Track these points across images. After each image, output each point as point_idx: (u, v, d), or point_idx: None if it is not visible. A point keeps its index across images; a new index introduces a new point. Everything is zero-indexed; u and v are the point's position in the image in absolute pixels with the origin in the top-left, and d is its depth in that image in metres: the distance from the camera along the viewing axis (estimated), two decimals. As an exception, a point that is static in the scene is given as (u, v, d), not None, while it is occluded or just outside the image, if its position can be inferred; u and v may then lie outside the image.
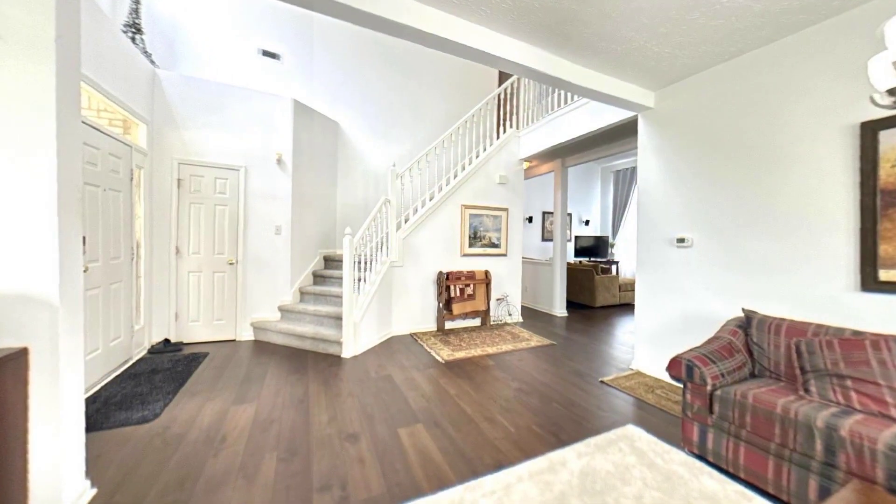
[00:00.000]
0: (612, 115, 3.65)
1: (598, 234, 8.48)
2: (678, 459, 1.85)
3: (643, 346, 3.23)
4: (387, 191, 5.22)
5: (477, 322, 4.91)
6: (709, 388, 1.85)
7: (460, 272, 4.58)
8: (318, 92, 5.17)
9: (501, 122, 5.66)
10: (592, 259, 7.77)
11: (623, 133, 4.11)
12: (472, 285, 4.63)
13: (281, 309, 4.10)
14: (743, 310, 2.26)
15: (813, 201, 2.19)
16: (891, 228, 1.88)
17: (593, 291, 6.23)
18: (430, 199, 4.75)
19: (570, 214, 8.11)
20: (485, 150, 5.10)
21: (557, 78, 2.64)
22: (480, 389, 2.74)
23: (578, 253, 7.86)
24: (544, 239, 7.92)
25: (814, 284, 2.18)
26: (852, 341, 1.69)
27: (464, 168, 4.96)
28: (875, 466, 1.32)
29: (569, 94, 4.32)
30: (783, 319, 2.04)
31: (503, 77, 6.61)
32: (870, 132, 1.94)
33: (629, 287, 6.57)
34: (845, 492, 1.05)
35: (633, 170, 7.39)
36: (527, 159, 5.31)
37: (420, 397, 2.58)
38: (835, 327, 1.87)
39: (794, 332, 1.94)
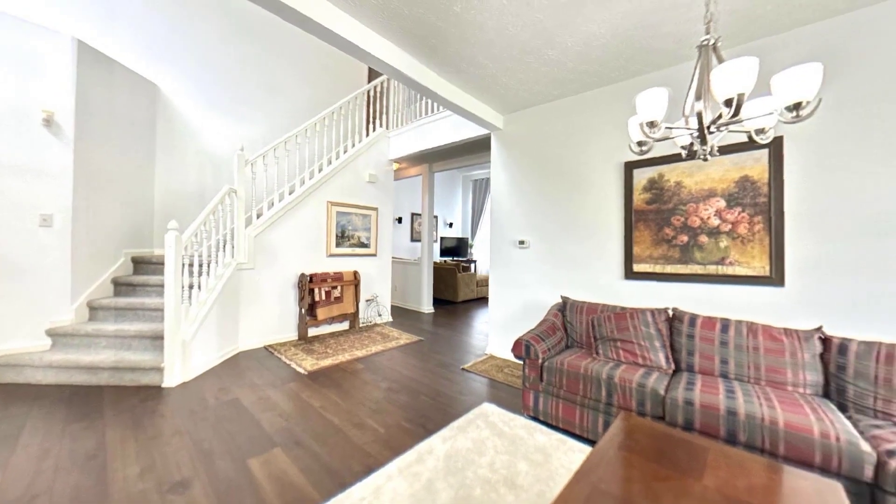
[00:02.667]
0: (471, 130, 4.11)
1: (460, 235, 9.40)
2: (520, 424, 2.22)
3: (495, 333, 3.75)
4: (232, 179, 4.39)
5: (345, 326, 4.69)
6: (540, 361, 2.30)
7: (326, 274, 4.28)
8: (127, 41, 3.90)
9: (371, 119, 5.57)
10: (455, 258, 8.56)
11: (480, 147, 4.68)
12: (339, 287, 4.38)
13: (53, 333, 2.89)
14: (561, 296, 2.91)
15: (601, 216, 3.01)
16: (639, 236, 2.77)
17: (456, 288, 6.86)
18: (291, 193, 4.26)
19: (436, 217, 8.70)
20: (353, 145, 4.93)
21: (425, 87, 2.79)
22: (349, 396, 2.62)
23: (443, 253, 8.52)
24: (413, 239, 8.24)
25: (601, 276, 3.00)
26: (620, 314, 2.40)
27: (330, 162, 4.64)
28: (632, 399, 1.91)
29: (436, 104, 4.62)
30: (584, 302, 2.73)
31: (373, 73, 6.53)
32: (629, 169, 2.82)
33: (485, 283, 7.53)
34: (617, 420, 1.48)
35: (488, 180, 8.53)
36: (396, 160, 5.40)
37: (277, 417, 2.27)
38: (611, 305, 2.62)
39: (591, 311, 2.63)
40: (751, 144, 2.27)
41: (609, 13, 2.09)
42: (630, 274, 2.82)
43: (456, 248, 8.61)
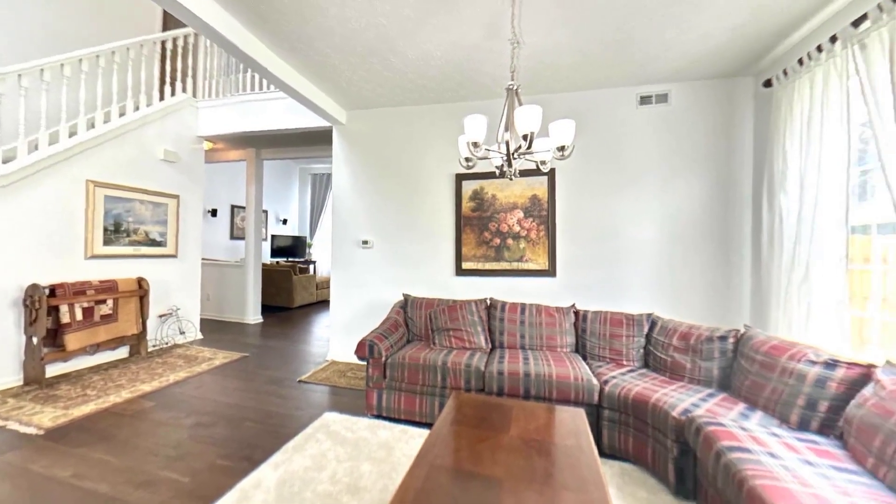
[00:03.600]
0: (311, 119, 3.77)
1: (297, 233, 8.48)
2: (364, 425, 2.20)
3: (337, 337, 3.58)
4: None
5: (124, 353, 3.43)
6: (384, 358, 2.35)
7: (85, 284, 3.01)
8: None
9: (170, 80, 4.28)
10: (291, 259, 7.66)
11: (321, 139, 4.36)
12: (110, 301, 3.17)
13: None
14: (403, 294, 3.07)
15: (437, 220, 3.35)
16: (466, 238, 3.24)
17: (291, 292, 6.14)
18: (5, 163, 2.78)
19: (266, 211, 7.53)
20: (138, 108, 3.66)
21: (251, 58, 2.37)
22: (129, 449, 1.93)
23: (276, 253, 7.47)
24: (234, 237, 6.85)
25: (438, 273, 3.34)
26: (452, 307, 2.74)
27: (94, 126, 3.28)
28: (461, 379, 2.21)
29: (267, 81, 3.99)
30: (423, 298, 2.97)
31: (172, 21, 5.04)
32: (459, 181, 3.26)
33: (326, 285, 7.07)
34: (450, 400, 1.69)
35: (330, 175, 8.04)
36: (209, 139, 4.36)
37: (-28, 515, 1.43)
38: (446, 299, 2.96)
39: (428, 305, 2.88)
40: (538, 171, 3.03)
41: (443, 39, 2.35)
42: (460, 271, 3.26)
43: (292, 248, 7.72)
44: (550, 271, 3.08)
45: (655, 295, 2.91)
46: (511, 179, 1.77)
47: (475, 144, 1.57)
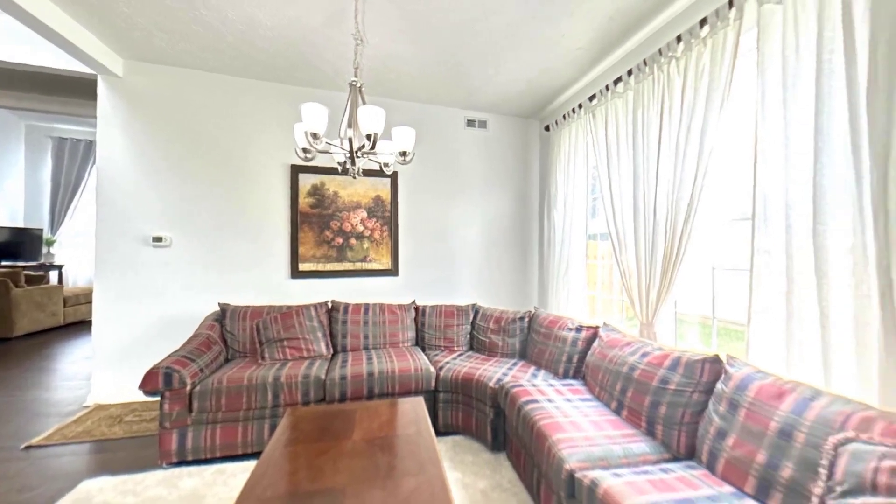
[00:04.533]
0: (53, 55, 2.55)
1: (24, 225, 5.58)
2: (154, 481, 1.67)
3: (105, 370, 2.57)
4: None
5: None
6: (188, 387, 1.85)
7: None
8: None
9: None
10: (11, 264, 4.98)
11: (74, 90, 3.02)
12: None
13: None
14: (219, 304, 2.51)
15: (270, 214, 2.90)
16: (304, 237, 2.95)
17: (9, 314, 4.00)
18: None
19: (-55, 186, 4.60)
20: None
21: None
22: None
23: (-29, 254, 4.69)
24: None
25: (270, 275, 2.90)
26: (286, 314, 2.44)
27: None
28: (298, 393, 2.00)
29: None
30: (248, 307, 2.51)
31: None
32: (295, 172, 2.94)
33: (84, 299, 4.97)
34: (283, 419, 1.49)
35: (89, 144, 5.67)
36: None
37: None
38: (278, 306, 2.60)
39: (256, 315, 2.46)
40: (381, 173, 3.08)
41: (277, 10, 2.06)
42: (296, 273, 2.94)
43: (12, 247, 5.04)
44: (393, 270, 3.19)
45: (479, 288, 3.48)
46: (355, 178, 1.73)
47: (314, 135, 1.45)
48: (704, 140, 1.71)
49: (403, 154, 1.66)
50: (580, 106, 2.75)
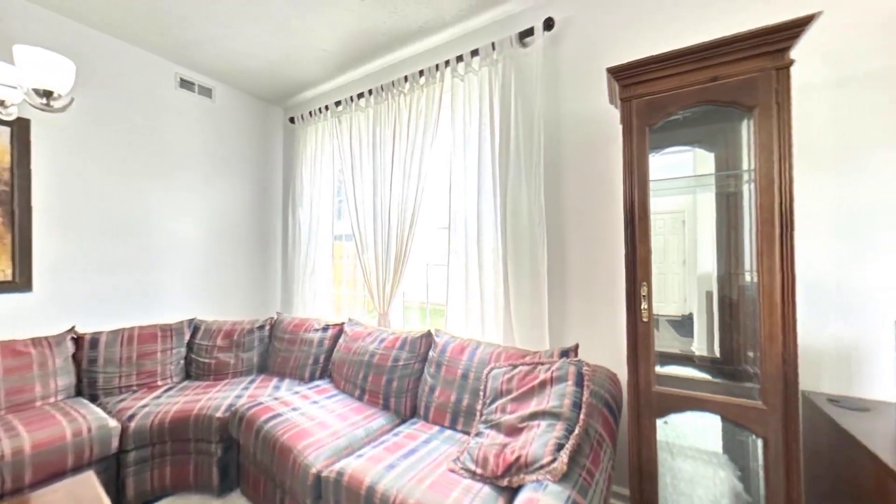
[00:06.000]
0: None
1: None
2: None
3: None
4: None
5: None
6: None
7: None
8: None
9: None
10: None
11: None
12: None
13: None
14: None
15: None
16: None
17: None
18: None
19: None
20: None
21: None
22: None
23: None
24: None
25: None
26: None
27: None
28: None
29: None
30: None
31: None
32: None
33: None
34: None
35: None
36: None
37: None
38: None
39: None
40: (-16, 114, 1.77)
41: None
42: None
43: None
44: (20, 283, 1.91)
45: (200, 297, 2.73)
46: None
47: None
48: (422, 165, 2.20)
49: (47, 95, 1.03)
50: (327, 108, 2.78)
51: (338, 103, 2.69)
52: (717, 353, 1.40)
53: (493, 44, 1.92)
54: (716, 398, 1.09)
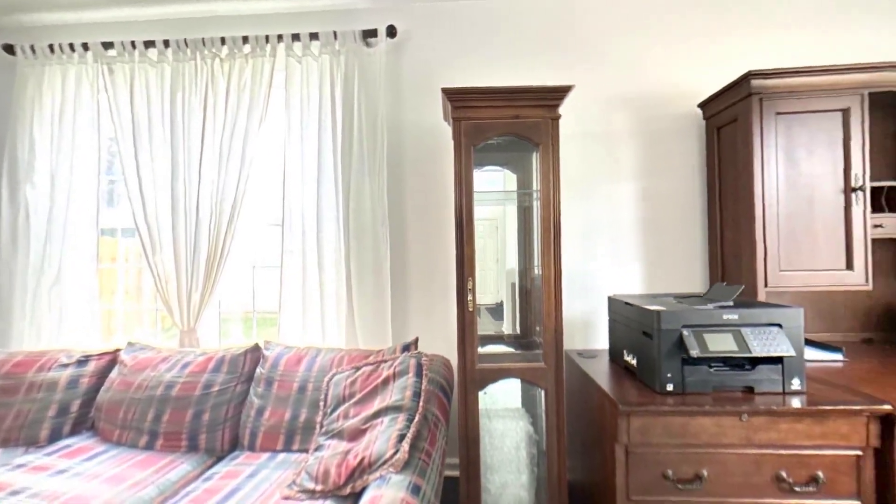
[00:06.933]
0: None
1: None
2: None
3: None
4: None
5: None
6: None
7: None
8: None
9: None
10: None
11: None
12: None
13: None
14: None
15: None
16: None
17: None
18: None
19: None
20: None
21: None
22: None
23: None
24: None
25: None
26: None
27: None
28: None
29: None
30: None
31: None
32: None
33: None
34: None
35: None
36: None
37: None
38: None
39: None
40: None
41: None
42: None
43: None
44: None
45: None
46: None
47: None
48: (246, 149, 1.85)
49: None
50: (86, 47, 1.95)
51: (109, 45, 1.93)
52: (519, 331, 1.80)
53: (335, 32, 1.82)
54: (517, 366, 1.41)
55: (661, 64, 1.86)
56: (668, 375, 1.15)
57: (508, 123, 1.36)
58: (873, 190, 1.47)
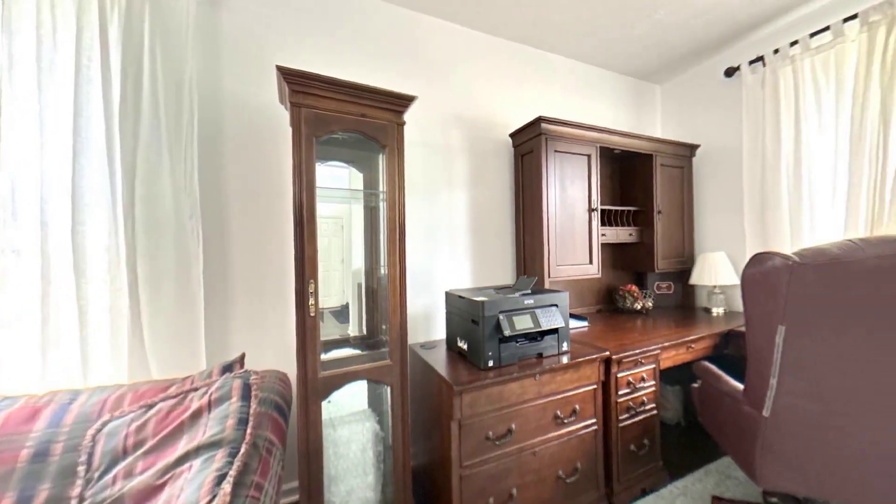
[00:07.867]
0: None
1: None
2: None
3: None
4: None
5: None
6: None
7: None
8: None
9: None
10: None
11: None
12: None
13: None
14: None
15: None
16: None
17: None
18: None
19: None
20: None
21: None
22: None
23: None
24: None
25: None
26: None
27: None
28: None
29: None
30: None
31: None
32: None
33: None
34: None
35: None
36: None
37: None
38: None
39: None
40: None
41: None
42: None
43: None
44: None
45: None
46: None
47: None
48: None
49: None
50: None
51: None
52: (365, 332, 1.78)
53: (107, -54, 1.31)
54: (364, 367, 1.39)
55: (486, 95, 2.23)
56: (490, 353, 1.39)
57: (356, 121, 1.33)
58: (602, 211, 2.23)
